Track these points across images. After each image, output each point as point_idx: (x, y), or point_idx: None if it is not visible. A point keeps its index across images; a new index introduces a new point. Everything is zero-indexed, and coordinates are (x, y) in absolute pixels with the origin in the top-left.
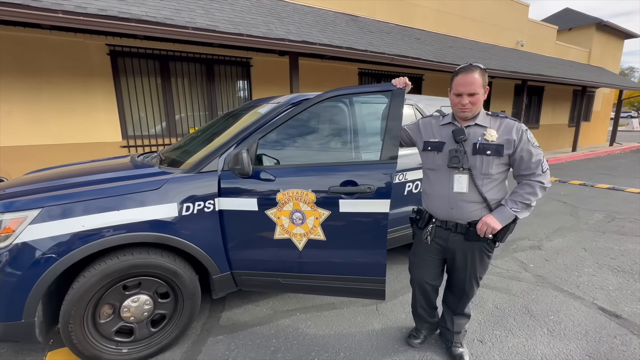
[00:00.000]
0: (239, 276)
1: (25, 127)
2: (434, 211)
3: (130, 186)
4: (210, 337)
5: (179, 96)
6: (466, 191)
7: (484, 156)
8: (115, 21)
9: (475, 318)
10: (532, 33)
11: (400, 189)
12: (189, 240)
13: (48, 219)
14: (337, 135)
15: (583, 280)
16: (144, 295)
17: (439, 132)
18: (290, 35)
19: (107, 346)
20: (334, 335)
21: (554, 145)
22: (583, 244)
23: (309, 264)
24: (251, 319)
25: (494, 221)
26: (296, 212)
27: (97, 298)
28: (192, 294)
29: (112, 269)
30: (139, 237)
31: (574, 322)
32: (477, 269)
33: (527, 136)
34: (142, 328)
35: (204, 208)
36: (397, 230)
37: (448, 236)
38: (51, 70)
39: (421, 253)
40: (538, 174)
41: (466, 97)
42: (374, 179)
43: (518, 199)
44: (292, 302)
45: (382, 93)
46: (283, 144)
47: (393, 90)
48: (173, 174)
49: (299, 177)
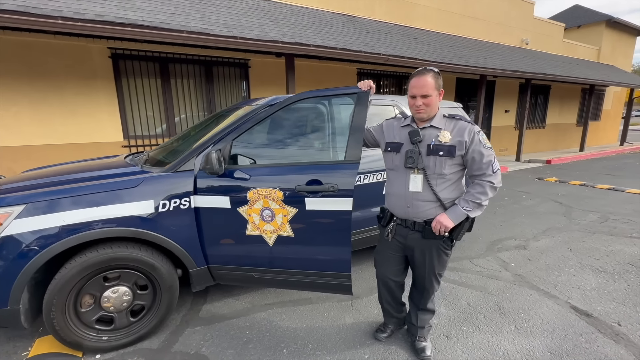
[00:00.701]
0: (215, 270)
1: (32, 128)
2: (394, 209)
3: (109, 184)
4: (188, 328)
5: (179, 97)
6: (420, 190)
7: (437, 157)
8: (112, 26)
9: (446, 314)
10: (537, 31)
11: (374, 189)
12: (166, 236)
13: (32, 214)
14: (306, 136)
15: (562, 280)
16: (124, 286)
17: (399, 133)
18: (284, 37)
19: (87, 333)
20: (306, 328)
21: (561, 145)
22: (570, 245)
23: (279, 259)
24: (229, 311)
25: (446, 219)
26: (266, 209)
27: (78, 288)
28: (170, 286)
29: (91, 261)
30: (116, 232)
31: (543, 320)
32: (435, 266)
33: (479, 138)
34: (121, 317)
35: (180, 205)
36: (373, 230)
37: (407, 234)
38: (56, 73)
39: (384, 250)
40: (488, 174)
41: (420, 99)
42: (337, 179)
43: (470, 199)
44: (271, 297)
45: (348, 96)
46: (256, 144)
47: (358, 93)
48: (151, 173)
49: (268, 176)
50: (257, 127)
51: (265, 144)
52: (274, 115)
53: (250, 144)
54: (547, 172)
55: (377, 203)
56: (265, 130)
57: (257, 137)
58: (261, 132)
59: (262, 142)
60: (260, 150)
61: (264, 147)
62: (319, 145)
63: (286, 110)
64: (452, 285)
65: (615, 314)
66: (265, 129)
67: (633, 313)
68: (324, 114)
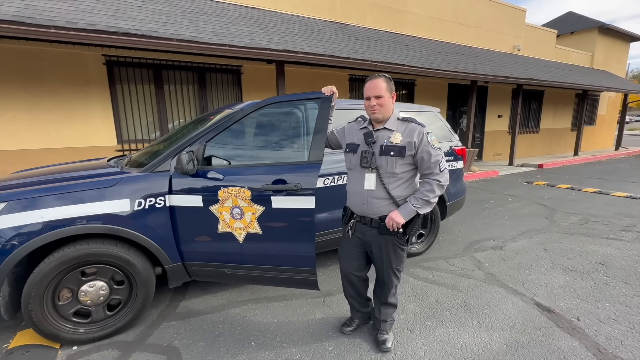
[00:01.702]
0: (190, 267)
1: (27, 132)
2: (353, 207)
3: (87, 184)
4: (164, 323)
5: (172, 103)
6: (374, 188)
7: (388, 157)
8: (104, 35)
9: (413, 310)
10: (529, 37)
11: (344, 191)
12: (141, 233)
13: (12, 211)
14: (273, 138)
15: (531, 279)
16: (100, 281)
17: (357, 135)
18: (272, 45)
19: (65, 326)
20: (276, 323)
21: (555, 150)
22: (546, 245)
23: (249, 256)
24: (205, 307)
25: (398, 216)
26: (235, 207)
27: (56, 282)
28: (146, 281)
29: (69, 256)
30: (93, 229)
31: (505, 315)
32: (392, 261)
33: (428, 139)
34: (98, 311)
35: (155, 204)
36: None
37: (365, 230)
38: (51, 79)
39: (346, 246)
40: (436, 173)
41: (374, 100)
42: (301, 178)
43: (419, 196)
44: (247, 294)
45: (312, 100)
46: (227, 146)
47: (321, 98)
48: (129, 173)
49: (237, 176)
50: (228, 130)
51: (235, 146)
52: (244, 120)
53: (222, 146)
54: (538, 176)
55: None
56: (236, 134)
57: (228, 139)
58: (232, 135)
59: (233, 144)
60: (231, 151)
61: (235, 148)
62: (285, 147)
63: (255, 115)
64: (424, 283)
65: (577, 310)
66: (236, 132)
67: (593, 309)
68: (290, 117)
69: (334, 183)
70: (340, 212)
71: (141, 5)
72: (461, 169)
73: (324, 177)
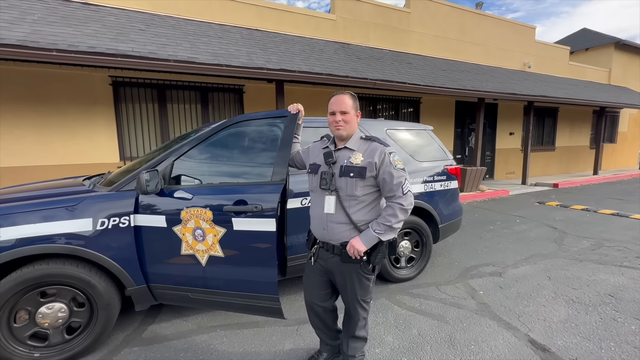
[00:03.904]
0: (155, 289)
1: (34, 150)
2: (314, 232)
3: (51, 202)
4: (126, 348)
5: (174, 121)
6: (334, 212)
7: (348, 178)
8: (103, 57)
9: (391, 343)
10: (540, 54)
11: None
12: (102, 253)
13: None
14: (238, 157)
15: (528, 311)
16: (60, 303)
17: (319, 155)
18: (270, 64)
19: (19, 349)
20: (242, 352)
21: (573, 169)
22: (550, 273)
23: (212, 280)
24: (172, 332)
25: (358, 243)
26: (197, 229)
27: (12, 303)
28: (107, 304)
29: (26, 277)
30: (51, 249)
31: (493, 353)
32: (357, 291)
33: (389, 159)
34: (56, 334)
35: (119, 224)
36: None
37: (327, 257)
38: (59, 99)
39: (309, 274)
40: (398, 196)
41: (339, 115)
42: (262, 199)
43: (381, 221)
44: (219, 319)
45: (278, 118)
46: (197, 164)
47: (287, 116)
48: (96, 192)
49: (202, 196)
50: (196, 149)
51: (203, 165)
52: (212, 138)
53: (190, 164)
54: (551, 196)
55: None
56: (204, 152)
57: (196, 158)
58: (200, 153)
59: (201, 163)
60: (199, 170)
61: (203, 167)
62: (249, 166)
63: (222, 133)
64: (409, 313)
65: (576, 350)
66: (203, 150)
67: (595, 349)
68: (255, 136)
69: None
70: None
71: (144, 29)
72: (456, 189)
73: (301, 197)
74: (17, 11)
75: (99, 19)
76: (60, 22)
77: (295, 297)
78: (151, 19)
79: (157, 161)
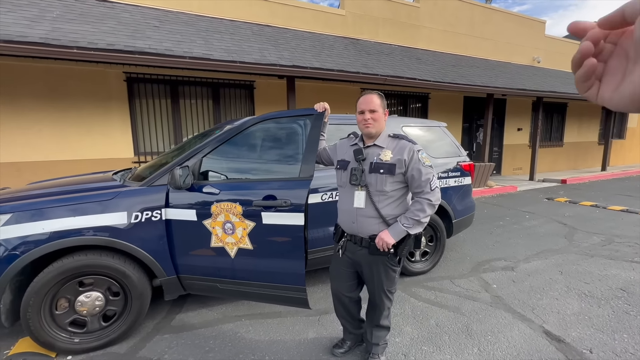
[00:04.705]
0: (185, 280)
1: (52, 145)
2: (343, 225)
3: (88, 197)
4: (158, 335)
5: (187, 117)
6: (364, 207)
7: (378, 174)
8: (122, 54)
9: (410, 333)
10: (550, 49)
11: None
12: (137, 245)
13: (17, 222)
14: (266, 154)
15: (542, 304)
16: (97, 292)
17: (348, 151)
18: (282, 61)
19: (60, 335)
20: (268, 341)
21: (581, 165)
22: (562, 267)
23: (241, 271)
24: (200, 321)
25: (387, 236)
26: (227, 222)
27: (54, 292)
28: (140, 294)
29: (67, 267)
30: (90, 240)
31: (510, 343)
32: (384, 282)
33: (418, 156)
34: (93, 322)
35: (151, 217)
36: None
37: (355, 250)
38: (76, 95)
39: (337, 266)
40: (426, 192)
41: (368, 113)
42: (290, 194)
43: (409, 216)
44: (243, 309)
45: (305, 117)
46: (222, 161)
47: (314, 115)
48: (129, 187)
49: (231, 191)
50: (225, 146)
51: (231, 161)
52: (240, 135)
53: (217, 161)
54: (560, 192)
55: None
56: (232, 149)
57: (224, 154)
58: (228, 150)
59: (229, 160)
60: (227, 166)
61: (231, 163)
62: (277, 163)
63: (250, 130)
64: (425, 305)
65: (590, 341)
66: (232, 147)
67: (609, 340)
68: (284, 133)
69: (332, 199)
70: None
71: (158, 26)
72: (469, 185)
73: (321, 192)
74: (36, 9)
75: (114, 15)
76: (78, 19)
77: (314, 289)
78: (164, 15)
79: (186, 157)
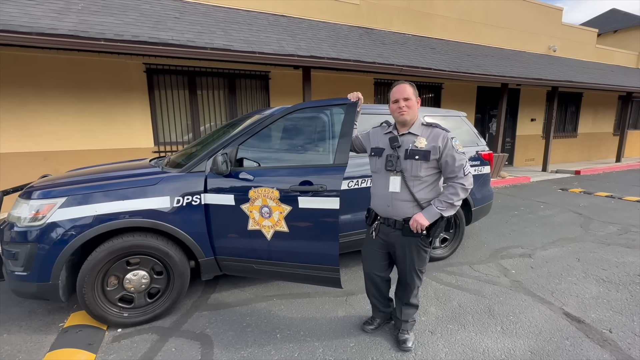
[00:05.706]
0: (221, 261)
1: (77, 135)
2: (377, 209)
3: (134, 182)
4: (197, 312)
5: (204, 107)
6: (399, 191)
7: (413, 160)
8: (146, 45)
9: (435, 313)
10: (567, 37)
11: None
12: (179, 228)
13: (70, 205)
14: (301, 141)
15: (561, 288)
16: (143, 270)
17: (382, 139)
18: (300, 51)
19: (111, 309)
20: (300, 318)
21: (595, 155)
22: (579, 255)
23: (276, 253)
24: (234, 300)
25: (422, 218)
26: (264, 207)
27: (105, 269)
28: (182, 273)
29: (116, 247)
30: (138, 223)
31: (531, 323)
32: (415, 262)
33: (452, 144)
34: (140, 298)
35: (192, 201)
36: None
37: (389, 232)
38: (99, 86)
39: (369, 247)
40: (460, 177)
41: (402, 101)
42: (326, 180)
43: (443, 199)
44: (273, 290)
45: (339, 106)
46: (258, 149)
47: (347, 104)
48: (169, 173)
49: (267, 177)
50: (259, 134)
51: (266, 149)
52: (273, 124)
53: (253, 148)
54: (574, 183)
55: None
56: (266, 137)
57: (259, 142)
58: (263, 138)
59: (264, 147)
60: (262, 154)
61: (265, 151)
62: (311, 150)
63: (284, 119)
64: (447, 288)
65: (609, 322)
66: (266, 135)
67: (628, 322)
68: (317, 122)
69: (357, 186)
70: (364, 214)
71: (179, 17)
72: (488, 174)
73: (348, 179)
74: (62, 1)
75: (135, 7)
76: (102, 11)
77: (343, 272)
78: (182, 6)
79: (222, 145)
